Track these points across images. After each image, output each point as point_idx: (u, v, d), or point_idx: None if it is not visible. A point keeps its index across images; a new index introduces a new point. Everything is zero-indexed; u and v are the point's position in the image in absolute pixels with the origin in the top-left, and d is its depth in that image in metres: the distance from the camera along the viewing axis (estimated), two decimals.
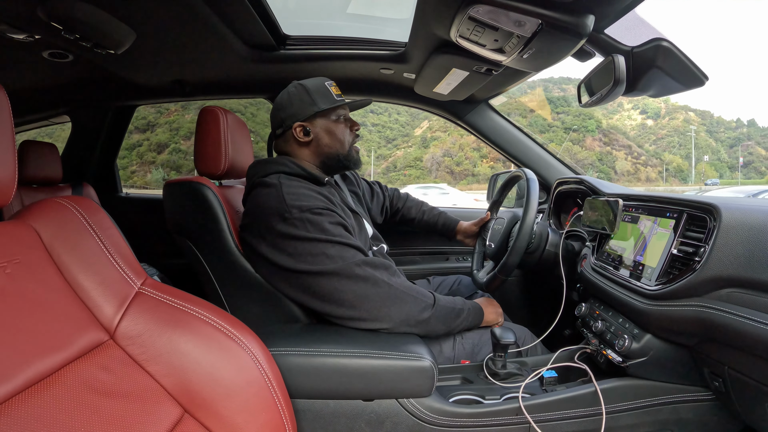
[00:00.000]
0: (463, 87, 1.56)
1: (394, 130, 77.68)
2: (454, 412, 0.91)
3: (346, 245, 0.98)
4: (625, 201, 1.09)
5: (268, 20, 1.38)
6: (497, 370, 1.02)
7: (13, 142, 0.58)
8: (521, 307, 1.83)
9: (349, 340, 0.92)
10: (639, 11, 0.95)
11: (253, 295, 1.05)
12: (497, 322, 1.18)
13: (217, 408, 0.66)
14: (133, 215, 2.36)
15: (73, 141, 2.29)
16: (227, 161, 1.20)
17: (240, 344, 0.69)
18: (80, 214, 0.68)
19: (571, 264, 1.26)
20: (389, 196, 1.66)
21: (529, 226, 1.13)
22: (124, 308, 0.66)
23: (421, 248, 2.03)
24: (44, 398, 0.51)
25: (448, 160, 65.81)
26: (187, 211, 1.14)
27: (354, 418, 0.89)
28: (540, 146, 1.86)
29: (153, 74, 1.76)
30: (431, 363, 0.87)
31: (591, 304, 1.14)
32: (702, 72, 0.96)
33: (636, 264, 0.97)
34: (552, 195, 1.64)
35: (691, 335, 0.86)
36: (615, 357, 0.95)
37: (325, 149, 1.15)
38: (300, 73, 1.70)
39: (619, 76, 0.98)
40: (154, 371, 0.64)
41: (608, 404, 0.93)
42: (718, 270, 0.77)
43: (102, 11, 1.14)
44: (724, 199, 0.86)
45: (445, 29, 1.08)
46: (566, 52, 1.04)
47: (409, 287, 1.00)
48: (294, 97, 1.14)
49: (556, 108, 76.19)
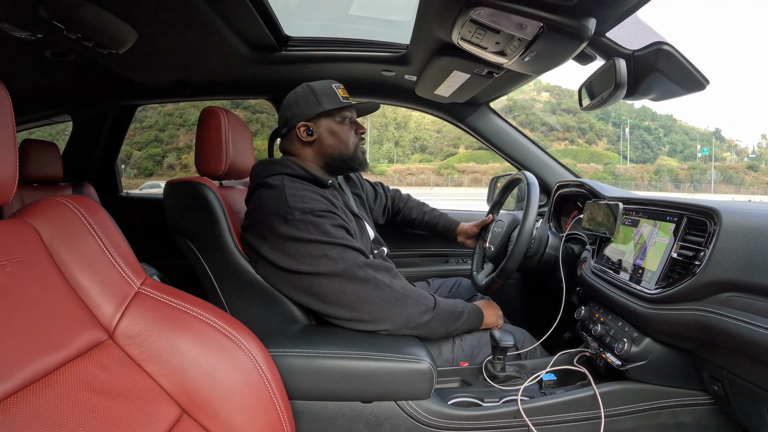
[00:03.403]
0: (464, 89, 1.56)
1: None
2: (452, 414, 0.91)
3: (347, 247, 0.98)
4: (626, 205, 1.09)
5: (270, 21, 1.38)
6: (496, 373, 1.02)
7: (14, 141, 0.58)
8: (521, 310, 1.83)
9: (349, 342, 0.92)
10: (640, 15, 0.96)
11: (253, 295, 1.05)
12: (497, 324, 1.18)
13: (216, 408, 0.66)
14: (134, 215, 2.36)
15: (74, 140, 2.30)
16: (228, 162, 1.20)
17: (239, 345, 0.69)
18: (80, 214, 0.68)
19: (570, 267, 1.26)
20: (391, 197, 1.66)
21: (528, 231, 1.12)
22: (123, 308, 0.66)
23: (421, 250, 2.03)
24: (43, 397, 0.51)
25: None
26: (187, 212, 1.14)
27: (353, 420, 0.89)
28: (540, 149, 1.86)
29: (154, 74, 1.76)
30: (430, 365, 0.87)
31: (590, 308, 1.14)
32: (703, 76, 0.96)
33: (636, 267, 0.97)
34: (552, 198, 1.64)
35: (691, 339, 0.86)
36: (614, 360, 0.95)
37: (328, 150, 1.15)
38: (301, 75, 1.71)
39: (620, 80, 0.98)
40: (153, 371, 0.64)
41: (607, 408, 0.93)
42: (717, 274, 0.77)
43: (104, 11, 1.14)
44: (725, 203, 0.86)
45: (447, 32, 1.08)
46: (567, 55, 1.04)
47: (409, 290, 1.00)
48: (300, 97, 1.15)
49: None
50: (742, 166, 55.48)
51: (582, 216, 1.23)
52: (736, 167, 54.82)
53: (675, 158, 58.45)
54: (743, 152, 64.15)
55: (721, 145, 65.86)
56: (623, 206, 1.07)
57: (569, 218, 1.55)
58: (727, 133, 75.48)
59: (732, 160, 61.19)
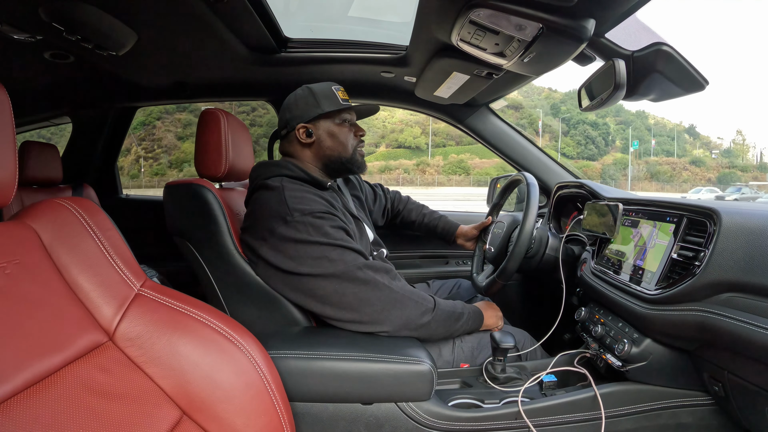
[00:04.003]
0: (463, 91, 1.56)
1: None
2: (453, 416, 0.90)
3: (347, 249, 0.98)
4: (625, 205, 1.09)
5: (269, 23, 1.39)
6: (497, 374, 1.02)
7: (14, 143, 0.58)
8: (521, 311, 1.83)
9: (349, 344, 0.92)
10: (640, 16, 0.96)
11: (253, 297, 1.05)
12: (497, 325, 1.18)
13: (216, 410, 0.65)
14: (133, 217, 2.36)
15: (73, 142, 2.30)
16: (228, 163, 1.20)
17: (239, 347, 0.69)
18: (80, 215, 0.68)
19: (571, 268, 1.26)
20: (390, 199, 1.66)
21: (528, 232, 1.12)
22: (123, 310, 0.66)
23: (421, 252, 2.03)
24: (43, 399, 0.51)
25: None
26: (187, 213, 1.14)
27: (353, 422, 0.89)
28: (540, 150, 1.86)
29: (154, 76, 1.76)
30: (430, 367, 0.87)
31: (591, 309, 1.14)
32: (702, 76, 0.96)
33: (636, 268, 0.97)
34: (552, 199, 1.64)
35: (691, 340, 0.86)
36: (615, 361, 0.95)
37: (327, 151, 1.16)
38: (300, 76, 1.71)
39: (620, 81, 0.98)
40: (153, 373, 0.64)
41: (608, 409, 0.93)
42: (718, 274, 0.77)
43: (104, 13, 1.14)
44: (724, 203, 0.86)
45: (446, 33, 1.08)
46: (567, 56, 1.04)
47: (409, 291, 1.00)
48: (300, 98, 1.15)
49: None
50: (684, 161, 53.86)
51: (582, 217, 1.24)
52: (676, 162, 53.24)
53: (629, 155, 56.71)
54: (718, 148, 62.79)
55: (694, 141, 64.15)
56: (623, 207, 1.07)
57: (569, 219, 1.55)
58: (703, 129, 72.49)
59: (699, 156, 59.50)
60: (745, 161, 58.63)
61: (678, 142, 60.96)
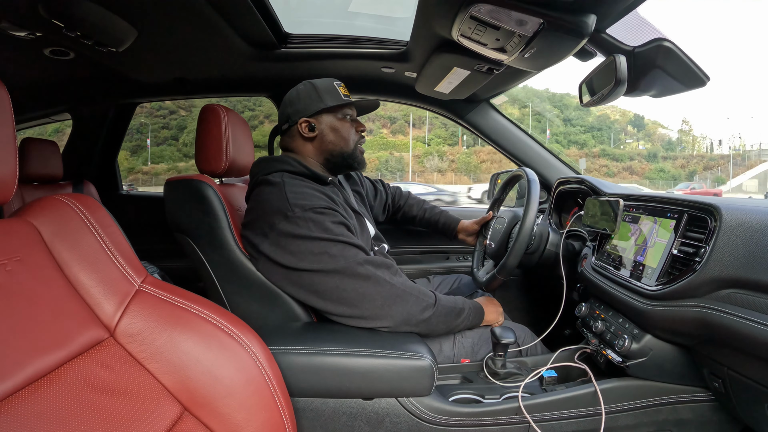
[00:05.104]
0: (464, 86, 1.56)
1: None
2: (453, 411, 0.91)
3: (348, 244, 0.98)
4: (626, 201, 1.09)
5: (270, 18, 1.38)
6: (497, 370, 1.02)
7: (14, 140, 0.58)
8: (521, 307, 1.83)
9: (349, 339, 0.92)
10: (641, 11, 0.95)
11: (254, 293, 1.05)
12: (497, 321, 1.18)
13: (217, 406, 0.66)
14: (134, 213, 2.36)
15: (74, 138, 2.29)
16: (228, 159, 1.19)
17: (240, 342, 0.69)
18: (81, 212, 0.68)
19: (571, 264, 1.26)
20: (391, 194, 1.66)
21: (528, 228, 1.12)
22: (124, 306, 0.66)
23: (422, 247, 2.03)
24: (44, 396, 0.51)
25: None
26: (187, 209, 1.14)
27: (354, 417, 0.89)
28: (541, 146, 1.86)
29: (154, 72, 1.76)
30: (431, 362, 0.87)
31: (591, 304, 1.14)
32: (703, 72, 0.95)
33: (636, 264, 0.97)
34: (553, 194, 1.64)
35: (691, 336, 0.86)
36: (615, 357, 0.95)
37: (329, 146, 1.16)
38: (301, 72, 1.71)
39: (621, 76, 0.98)
40: (154, 369, 0.64)
41: (608, 404, 0.93)
42: (718, 270, 0.77)
43: (103, 9, 1.14)
44: (725, 199, 0.86)
45: (447, 28, 1.08)
46: (568, 52, 1.04)
47: (410, 286, 1.00)
48: (302, 93, 1.15)
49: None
50: (596, 151, 51.69)
51: (582, 212, 1.23)
52: (580, 155, 50.71)
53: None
54: (664, 140, 60.01)
55: (638, 133, 61.40)
56: (624, 203, 1.06)
57: (570, 215, 1.55)
58: (654, 119, 68.10)
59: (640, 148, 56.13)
60: (697, 153, 55.79)
61: (615, 134, 58.70)
